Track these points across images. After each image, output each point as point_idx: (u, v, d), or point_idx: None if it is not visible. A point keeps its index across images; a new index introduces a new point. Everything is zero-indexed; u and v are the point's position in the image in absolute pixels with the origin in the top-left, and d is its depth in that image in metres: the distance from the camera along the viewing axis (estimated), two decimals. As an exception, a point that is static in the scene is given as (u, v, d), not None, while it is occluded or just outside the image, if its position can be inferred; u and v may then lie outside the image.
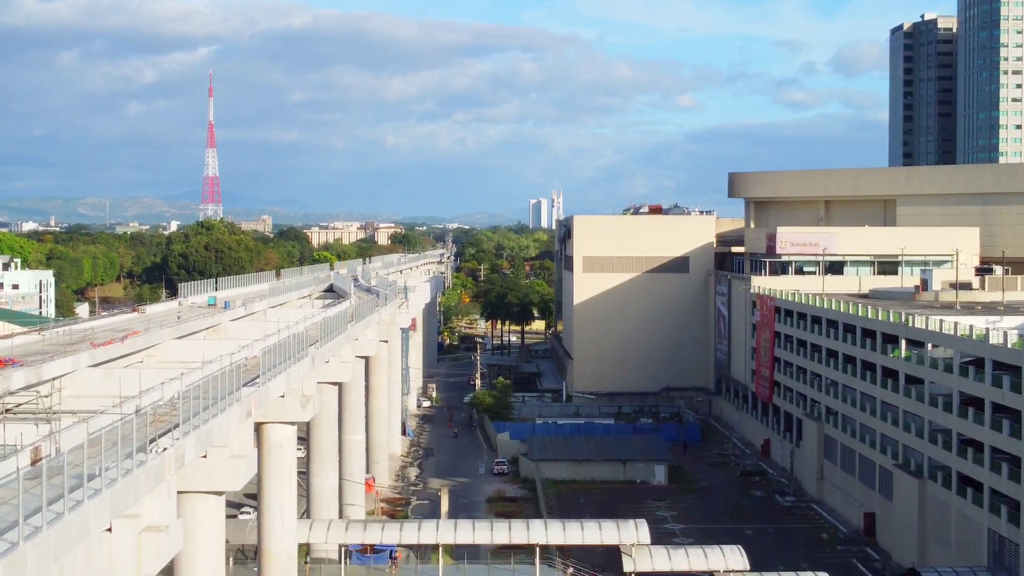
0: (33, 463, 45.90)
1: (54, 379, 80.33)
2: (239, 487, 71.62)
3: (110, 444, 49.99)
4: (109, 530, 51.55)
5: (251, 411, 76.11)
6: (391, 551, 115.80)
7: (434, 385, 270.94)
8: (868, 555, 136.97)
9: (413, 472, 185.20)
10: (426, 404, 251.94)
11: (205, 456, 69.45)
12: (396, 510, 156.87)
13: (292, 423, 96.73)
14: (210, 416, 65.43)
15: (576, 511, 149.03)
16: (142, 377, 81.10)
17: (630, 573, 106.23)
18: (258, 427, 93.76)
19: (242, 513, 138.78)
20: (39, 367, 78.30)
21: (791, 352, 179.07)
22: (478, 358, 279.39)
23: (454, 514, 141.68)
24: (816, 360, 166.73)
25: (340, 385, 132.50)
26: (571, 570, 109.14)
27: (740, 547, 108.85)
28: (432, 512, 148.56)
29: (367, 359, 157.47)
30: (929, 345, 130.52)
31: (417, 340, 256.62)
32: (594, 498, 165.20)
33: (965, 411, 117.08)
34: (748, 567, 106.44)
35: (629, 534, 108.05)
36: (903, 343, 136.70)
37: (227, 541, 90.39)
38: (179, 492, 63.99)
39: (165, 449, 55.77)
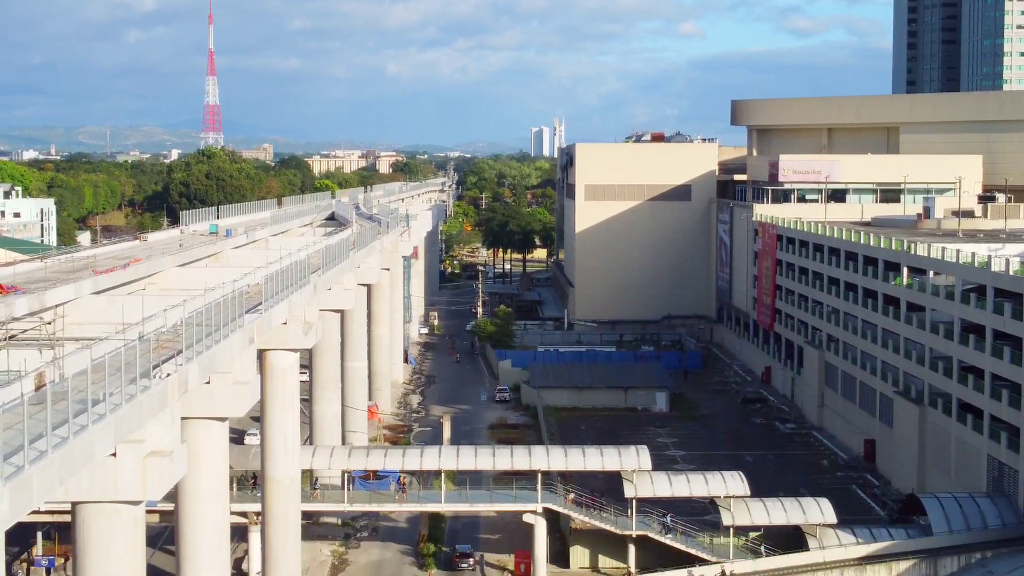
0: (37, 388, 46.06)
1: (57, 306, 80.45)
2: (242, 413, 71.95)
3: (114, 370, 50.18)
4: (113, 455, 51.89)
5: (253, 338, 76.31)
6: (396, 477, 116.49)
7: (436, 313, 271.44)
8: (868, 481, 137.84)
9: (415, 399, 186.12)
10: (424, 331, 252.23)
11: (208, 382, 69.66)
12: (399, 437, 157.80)
13: (294, 350, 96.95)
14: (213, 342, 65.62)
15: (577, 438, 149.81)
16: (145, 304, 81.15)
17: (631, 499, 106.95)
18: (261, 354, 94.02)
19: (249, 435, 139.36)
20: (42, 294, 78.44)
21: (793, 280, 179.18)
22: (480, 286, 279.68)
23: (456, 441, 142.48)
24: (818, 288, 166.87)
25: (342, 312, 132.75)
26: (572, 496, 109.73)
27: (741, 473, 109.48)
28: (434, 439, 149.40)
29: (369, 287, 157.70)
30: (931, 272, 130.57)
31: (419, 268, 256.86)
32: (595, 425, 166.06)
33: (966, 338, 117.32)
34: (749, 492, 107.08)
35: (630, 460, 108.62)
36: (905, 271, 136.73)
37: (231, 467, 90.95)
38: (183, 418, 64.27)
39: (168, 375, 55.99)
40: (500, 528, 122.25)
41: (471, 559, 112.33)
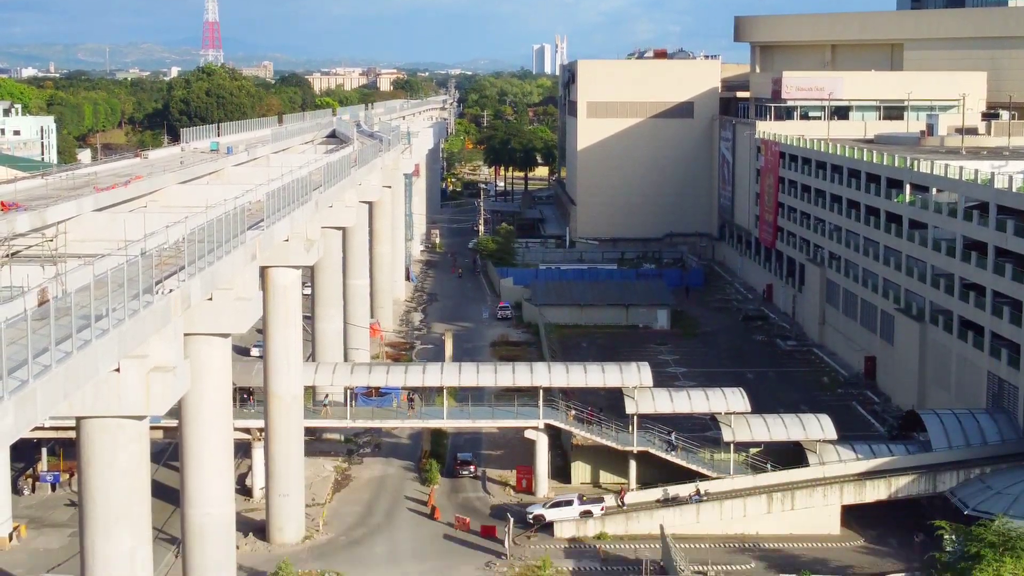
0: (40, 304, 46.16)
1: (58, 223, 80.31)
2: (245, 329, 72.23)
3: (116, 286, 50.24)
4: (117, 370, 52.10)
5: (255, 254, 76.36)
6: (397, 394, 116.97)
7: (437, 231, 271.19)
8: (868, 398, 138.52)
9: (417, 317, 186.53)
10: (421, 249, 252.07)
11: (211, 299, 69.89)
12: (400, 354, 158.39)
13: (296, 267, 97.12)
14: (215, 259, 65.69)
15: (579, 355, 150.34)
16: (146, 221, 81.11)
17: (632, 415, 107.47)
18: (263, 271, 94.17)
19: (256, 347, 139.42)
20: (43, 211, 78.41)
21: (795, 197, 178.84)
22: (481, 204, 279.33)
23: (458, 358, 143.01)
24: (820, 205, 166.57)
25: (344, 230, 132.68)
26: (574, 412, 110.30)
27: (741, 390, 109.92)
28: (436, 356, 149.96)
29: (370, 204, 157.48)
30: (933, 190, 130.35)
31: (420, 186, 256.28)
32: (597, 342, 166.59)
33: (968, 255, 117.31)
34: (749, 409, 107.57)
35: (631, 377, 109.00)
36: (907, 188, 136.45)
37: (233, 383, 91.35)
38: (186, 334, 64.47)
39: (171, 291, 56.09)
40: (502, 444, 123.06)
41: (471, 466, 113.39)
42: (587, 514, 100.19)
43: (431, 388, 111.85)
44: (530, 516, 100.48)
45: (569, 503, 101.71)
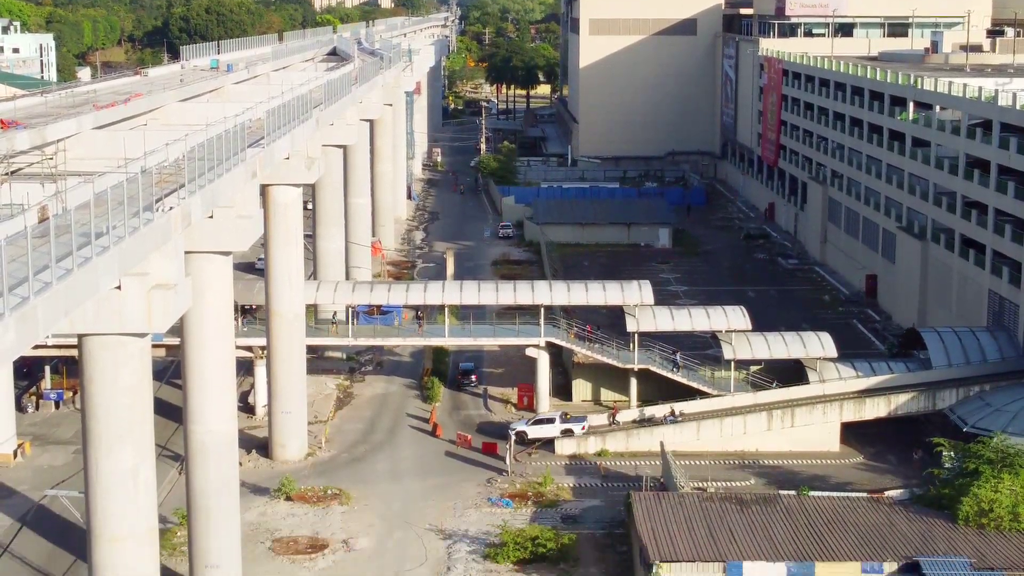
0: (40, 222, 46.14)
1: (58, 141, 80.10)
2: (246, 247, 72.22)
3: (116, 204, 50.18)
4: (118, 288, 52.18)
5: (256, 172, 76.18)
6: (399, 312, 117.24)
7: (439, 150, 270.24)
8: (869, 316, 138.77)
9: (419, 236, 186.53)
10: (423, 167, 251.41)
11: (211, 217, 69.82)
12: (402, 273, 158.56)
13: (297, 185, 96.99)
14: (215, 176, 65.54)
15: (580, 274, 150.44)
16: (146, 139, 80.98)
17: (633, 333, 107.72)
18: (264, 189, 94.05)
19: (259, 260, 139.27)
20: (43, 129, 78.12)
21: (798, 115, 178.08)
22: (483, 122, 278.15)
23: (459, 276, 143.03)
24: (823, 123, 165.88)
25: (344, 148, 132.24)
26: (575, 330, 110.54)
27: (742, 308, 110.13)
28: (438, 275, 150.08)
29: (371, 122, 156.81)
30: (937, 107, 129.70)
31: (422, 104, 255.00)
32: (598, 261, 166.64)
33: (971, 173, 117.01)
34: (750, 327, 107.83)
35: (632, 295, 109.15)
36: (911, 106, 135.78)
37: (235, 302, 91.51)
38: (187, 252, 64.54)
39: (171, 208, 56.02)
40: (503, 363, 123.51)
41: (473, 376, 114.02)
42: (568, 432, 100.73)
43: (432, 306, 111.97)
44: (512, 432, 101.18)
45: (551, 421, 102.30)
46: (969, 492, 79.68)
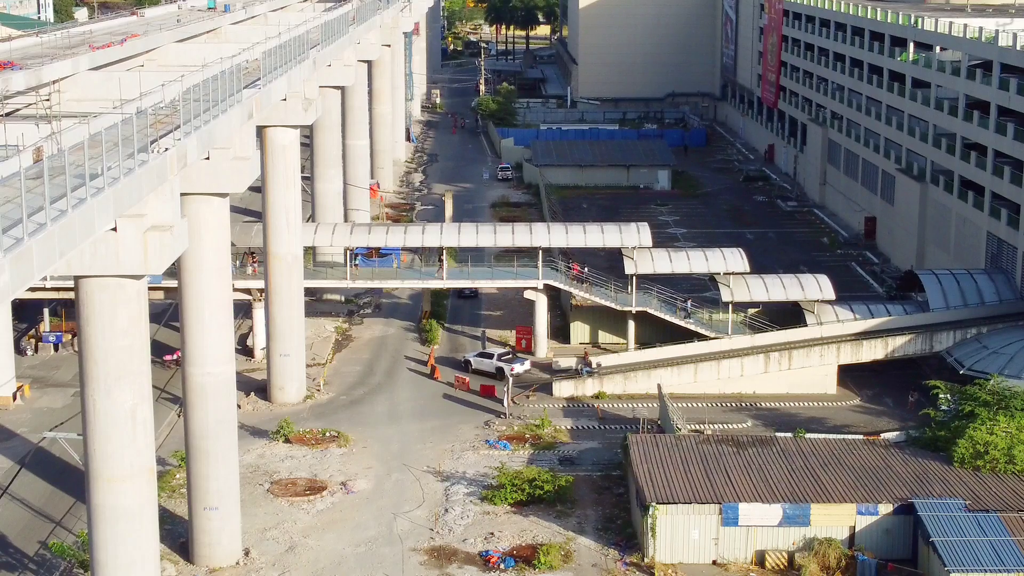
0: (35, 162, 45.96)
1: (54, 82, 79.81)
2: (243, 188, 72.01)
3: (111, 145, 50.02)
4: (114, 229, 52.09)
5: (253, 112, 75.85)
6: (397, 255, 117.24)
7: (438, 91, 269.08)
8: (867, 259, 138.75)
9: (417, 178, 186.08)
10: (422, 109, 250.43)
11: (208, 158, 69.58)
12: (401, 215, 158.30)
13: (295, 126, 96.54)
14: (211, 117, 65.26)
15: (579, 216, 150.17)
16: (142, 80, 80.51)
17: (631, 275, 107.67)
18: (261, 131, 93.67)
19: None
20: (38, 69, 77.71)
21: (798, 56, 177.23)
22: (482, 63, 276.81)
23: (458, 219, 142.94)
24: (823, 64, 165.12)
25: (343, 89, 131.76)
26: (574, 272, 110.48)
27: (741, 250, 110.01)
28: (436, 217, 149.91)
29: (369, 63, 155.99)
30: (937, 48, 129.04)
31: (420, 45, 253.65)
32: (597, 203, 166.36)
33: (970, 115, 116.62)
34: (748, 269, 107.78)
35: (631, 237, 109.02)
36: (911, 46, 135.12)
37: (233, 244, 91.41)
38: (184, 194, 64.40)
39: (167, 149, 55.79)
40: (502, 306, 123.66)
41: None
42: (500, 370, 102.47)
43: (431, 248, 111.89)
44: (463, 360, 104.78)
45: (490, 356, 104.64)
46: (965, 434, 79.98)
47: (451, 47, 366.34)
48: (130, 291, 53.58)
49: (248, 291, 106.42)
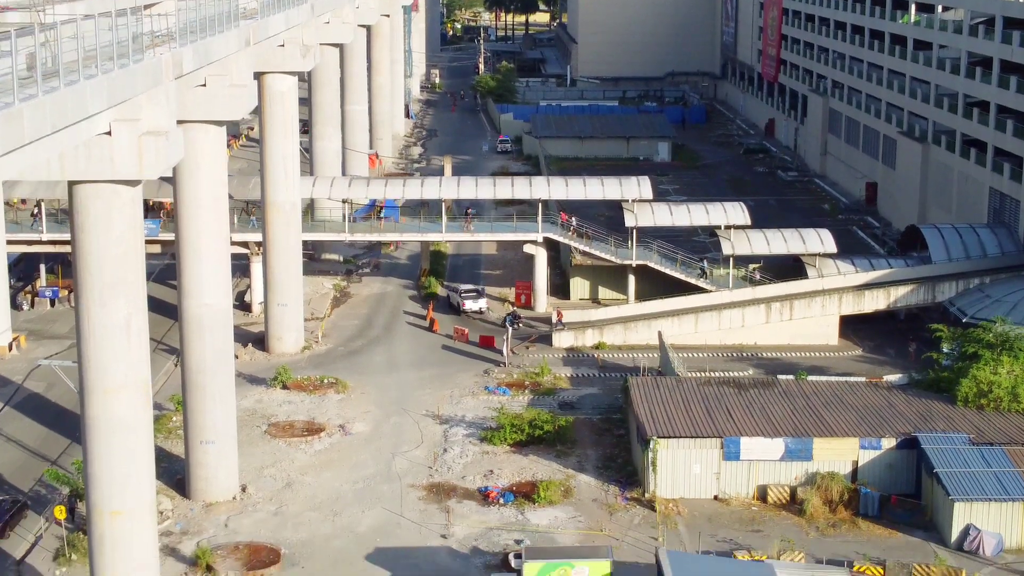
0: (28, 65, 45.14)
1: None
2: (239, 116, 71.39)
3: (106, 56, 49.22)
4: (108, 133, 51.44)
5: (249, 40, 75.16)
6: (396, 215, 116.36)
7: (437, 71, 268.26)
8: (869, 223, 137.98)
9: (416, 151, 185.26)
10: (421, 88, 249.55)
11: (204, 85, 69.03)
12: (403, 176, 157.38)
13: (293, 73, 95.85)
14: (207, 35, 64.56)
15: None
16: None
17: (631, 228, 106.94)
18: (260, 78, 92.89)
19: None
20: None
21: (799, 28, 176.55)
22: (481, 42, 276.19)
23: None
24: (824, 33, 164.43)
25: (341, 48, 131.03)
26: (575, 224, 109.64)
27: (742, 204, 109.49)
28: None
29: (368, 29, 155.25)
30: (939, 7, 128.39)
31: (420, 25, 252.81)
32: (597, 174, 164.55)
33: (972, 72, 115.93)
34: (749, 222, 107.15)
35: (632, 190, 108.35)
36: (912, 8, 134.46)
37: (231, 197, 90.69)
38: (180, 122, 63.54)
39: (163, 54, 55.06)
40: (501, 265, 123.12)
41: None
42: (458, 304, 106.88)
43: (430, 201, 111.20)
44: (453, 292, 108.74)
45: (455, 290, 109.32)
46: (969, 374, 79.36)
47: (450, 32, 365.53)
48: (124, 198, 52.88)
49: (246, 244, 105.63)
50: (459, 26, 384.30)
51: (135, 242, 53.57)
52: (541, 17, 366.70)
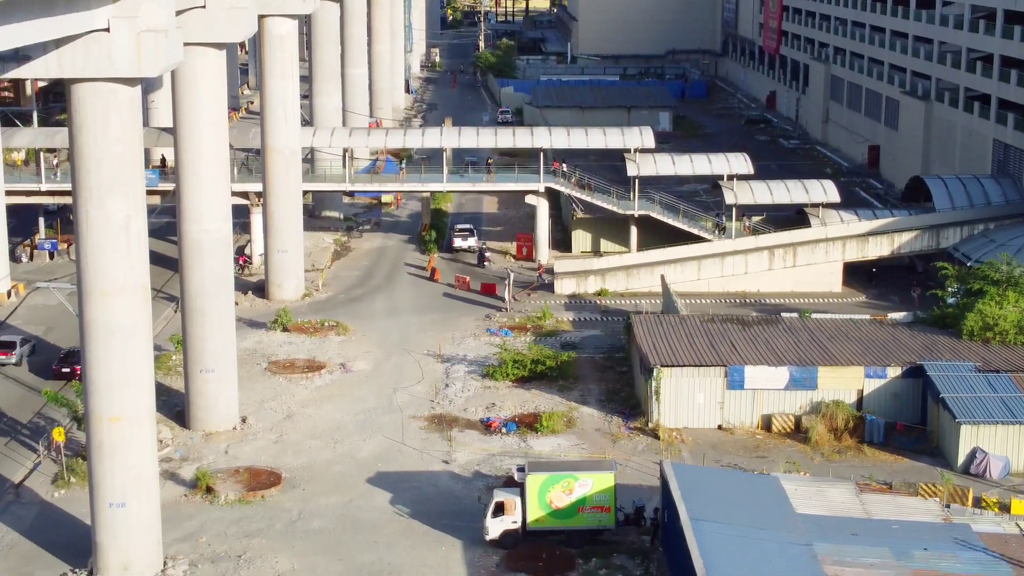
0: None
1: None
2: (239, 39, 70.88)
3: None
4: (107, 30, 50.82)
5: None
6: (395, 171, 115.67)
7: (437, 50, 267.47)
8: (871, 185, 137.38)
9: (416, 123, 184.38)
10: (421, 65, 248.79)
11: (204, 6, 68.44)
12: (400, 151, 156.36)
13: (293, 16, 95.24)
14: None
15: (580, 156, 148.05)
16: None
17: (633, 178, 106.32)
18: (260, 22, 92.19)
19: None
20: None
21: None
22: (482, 20, 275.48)
23: (457, 159, 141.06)
24: (825, 0, 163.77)
25: (341, 4, 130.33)
26: (576, 176, 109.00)
27: (745, 154, 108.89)
28: (435, 157, 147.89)
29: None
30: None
31: (420, 4, 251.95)
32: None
33: (976, 25, 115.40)
34: (752, 172, 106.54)
35: (633, 139, 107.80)
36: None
37: (231, 146, 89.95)
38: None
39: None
40: (502, 221, 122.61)
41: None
42: (450, 241, 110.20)
43: (432, 150, 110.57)
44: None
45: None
46: (974, 308, 78.75)
47: (451, 17, 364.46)
48: (123, 97, 52.20)
49: (245, 194, 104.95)
50: (458, 11, 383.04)
51: (134, 143, 52.90)
52: (541, 3, 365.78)
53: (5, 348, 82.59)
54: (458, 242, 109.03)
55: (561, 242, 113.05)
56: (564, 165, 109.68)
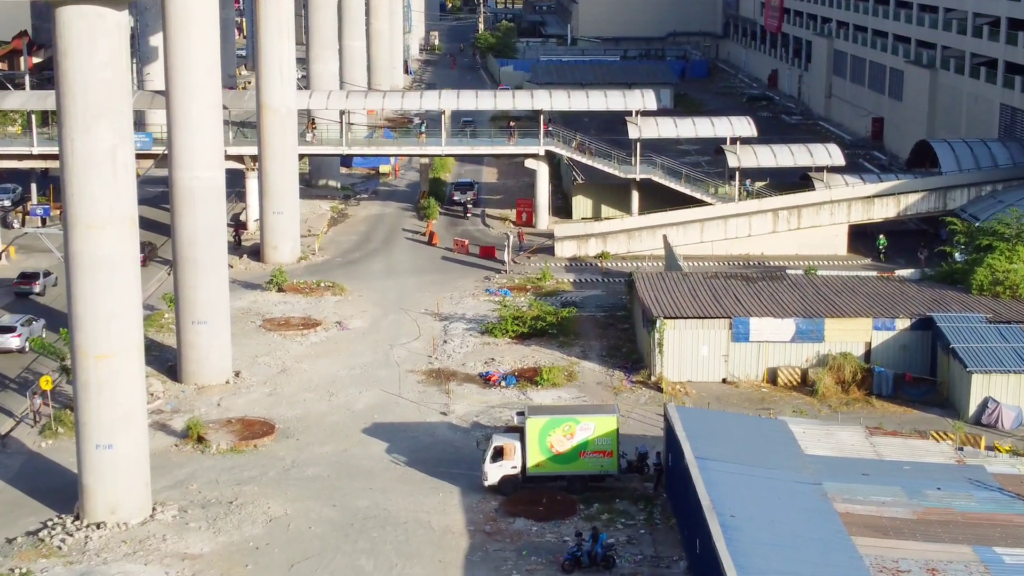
0: None
1: None
2: (232, -21, 69.04)
3: None
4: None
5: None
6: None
7: (436, 33, 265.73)
8: (875, 157, 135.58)
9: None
10: (420, 48, 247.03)
11: (196, -55, 66.85)
12: (401, 120, 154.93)
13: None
14: None
15: (581, 129, 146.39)
16: None
17: (635, 141, 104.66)
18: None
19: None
20: None
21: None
22: (481, 4, 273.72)
23: (457, 127, 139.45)
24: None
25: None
26: (577, 141, 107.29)
27: (748, 118, 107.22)
28: (435, 130, 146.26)
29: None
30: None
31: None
32: (598, 118, 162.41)
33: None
34: (756, 134, 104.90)
35: (635, 101, 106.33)
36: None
37: (225, 108, 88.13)
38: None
39: None
40: (502, 190, 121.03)
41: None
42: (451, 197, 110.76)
43: (432, 112, 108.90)
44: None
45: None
46: (983, 263, 77.15)
47: (450, 4, 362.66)
48: (110, 22, 50.54)
49: (240, 159, 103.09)
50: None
51: (121, 70, 51.24)
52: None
53: (29, 279, 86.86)
54: (457, 196, 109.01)
55: (561, 208, 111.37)
56: (551, 126, 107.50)
